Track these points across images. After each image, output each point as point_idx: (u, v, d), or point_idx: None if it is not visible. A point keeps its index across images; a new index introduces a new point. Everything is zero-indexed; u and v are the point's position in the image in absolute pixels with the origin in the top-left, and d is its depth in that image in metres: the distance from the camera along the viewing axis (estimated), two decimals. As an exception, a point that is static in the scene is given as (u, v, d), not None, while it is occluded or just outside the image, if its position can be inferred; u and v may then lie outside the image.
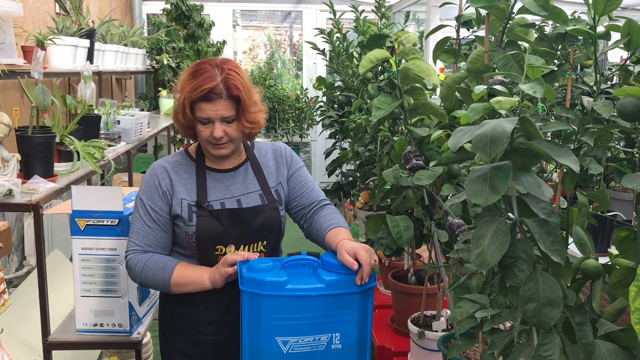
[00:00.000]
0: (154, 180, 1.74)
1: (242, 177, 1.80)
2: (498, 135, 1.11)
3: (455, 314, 1.63)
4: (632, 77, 1.51)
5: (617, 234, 1.36)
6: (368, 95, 3.73)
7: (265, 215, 1.75)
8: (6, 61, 2.64)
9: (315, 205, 1.87)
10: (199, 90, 1.63)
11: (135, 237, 1.73)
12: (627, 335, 1.29)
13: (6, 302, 1.66)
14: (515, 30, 1.67)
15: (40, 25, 3.76)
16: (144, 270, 1.69)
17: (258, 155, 1.86)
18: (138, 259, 1.70)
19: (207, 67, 1.67)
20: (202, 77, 1.64)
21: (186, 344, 1.77)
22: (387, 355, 2.82)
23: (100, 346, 2.19)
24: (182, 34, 5.76)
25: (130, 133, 3.36)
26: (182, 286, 1.68)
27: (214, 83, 1.63)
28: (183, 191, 1.73)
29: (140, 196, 1.75)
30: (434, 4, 4.74)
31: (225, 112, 1.66)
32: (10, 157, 2.17)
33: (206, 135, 1.68)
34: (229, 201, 1.74)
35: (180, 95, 1.69)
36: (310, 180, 1.90)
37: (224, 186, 1.77)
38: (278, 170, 1.85)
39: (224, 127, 1.67)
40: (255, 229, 1.74)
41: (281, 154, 1.88)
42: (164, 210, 1.72)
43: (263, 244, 1.76)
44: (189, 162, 1.79)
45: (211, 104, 1.64)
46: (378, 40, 2.46)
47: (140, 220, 1.73)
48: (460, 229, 1.99)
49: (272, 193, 1.80)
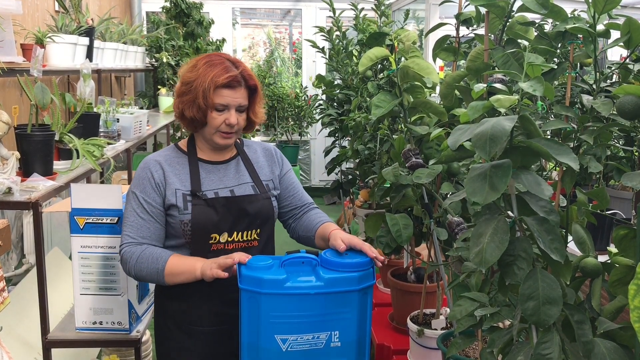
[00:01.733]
0: (147, 173, 1.77)
1: (234, 169, 1.85)
2: (497, 134, 1.11)
3: (455, 312, 1.63)
4: (632, 75, 1.51)
5: (617, 232, 1.36)
6: (367, 93, 3.72)
7: (259, 205, 1.80)
8: (5, 59, 2.64)
9: (306, 206, 1.96)
10: (225, 77, 1.70)
11: (129, 230, 1.74)
12: (627, 334, 1.29)
13: (5, 300, 1.66)
14: (515, 28, 1.67)
15: (39, 23, 3.76)
16: (139, 261, 1.70)
17: (248, 151, 1.91)
18: (132, 251, 1.72)
19: (220, 59, 1.76)
20: (221, 66, 1.72)
21: (184, 339, 1.78)
22: (386, 353, 2.82)
23: (100, 344, 2.19)
24: (182, 32, 5.75)
25: (130, 131, 3.36)
26: (175, 276, 1.69)
27: (236, 71, 1.73)
28: (177, 182, 1.77)
29: (133, 190, 1.77)
30: (433, 2, 4.73)
31: (243, 101, 1.75)
32: (10, 155, 2.16)
33: (219, 122, 1.74)
34: (222, 191, 1.78)
35: (195, 84, 1.72)
36: (298, 182, 2.00)
37: (217, 177, 1.81)
38: (270, 167, 1.91)
39: (237, 115, 1.75)
40: (250, 217, 1.78)
41: (272, 154, 1.95)
42: (157, 202, 1.75)
43: (257, 232, 1.80)
44: (181, 155, 1.83)
45: (232, 90, 1.72)
46: (378, 38, 2.46)
47: (133, 213, 1.75)
48: (459, 227, 2.00)
49: (263, 185, 1.85)
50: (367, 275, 1.62)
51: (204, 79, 1.71)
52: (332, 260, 1.61)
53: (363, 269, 1.61)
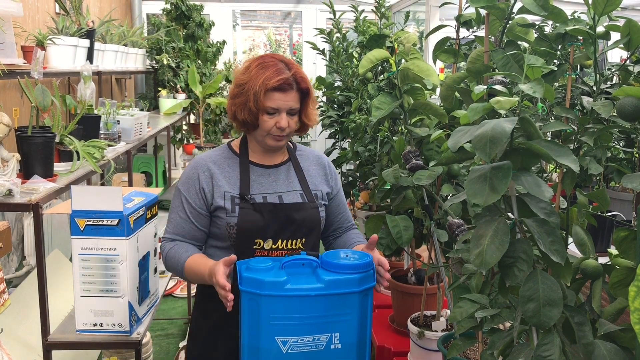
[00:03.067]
0: (195, 174, 1.81)
1: (284, 174, 1.85)
2: (498, 135, 1.11)
3: (455, 314, 1.63)
4: (632, 77, 1.51)
5: (617, 234, 1.36)
6: (368, 95, 3.73)
7: (307, 213, 1.79)
8: (6, 61, 2.64)
9: (349, 227, 1.98)
10: (276, 80, 1.69)
11: (168, 226, 1.83)
12: (627, 335, 1.29)
13: (6, 302, 1.66)
14: (515, 30, 1.67)
15: (40, 25, 3.76)
16: (167, 256, 1.79)
17: (300, 158, 1.91)
18: (164, 247, 1.81)
19: (273, 61, 1.75)
20: (274, 69, 1.72)
21: (216, 336, 1.82)
22: (386, 355, 2.82)
23: (100, 346, 2.19)
24: (182, 34, 5.76)
25: (130, 133, 3.36)
26: (190, 276, 1.75)
27: (288, 74, 1.72)
28: (226, 184, 1.78)
29: (179, 187, 1.83)
30: (433, 4, 4.74)
31: (294, 104, 1.74)
32: (10, 157, 2.17)
33: (270, 125, 1.74)
34: (271, 196, 1.79)
35: (247, 87, 1.73)
36: (345, 201, 2.02)
37: (267, 181, 1.82)
38: (320, 177, 1.90)
39: (288, 119, 1.75)
40: (296, 226, 1.77)
41: (325, 166, 1.94)
42: (198, 205, 1.78)
43: (302, 241, 1.79)
44: (232, 156, 1.85)
45: (284, 94, 1.72)
46: (378, 40, 2.47)
47: (174, 210, 1.82)
48: (460, 229, 2.00)
49: (312, 194, 1.84)
50: (367, 277, 1.62)
51: (255, 82, 1.71)
52: (332, 262, 1.61)
53: (363, 270, 1.61)
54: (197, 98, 5.54)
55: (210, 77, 5.71)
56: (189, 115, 5.88)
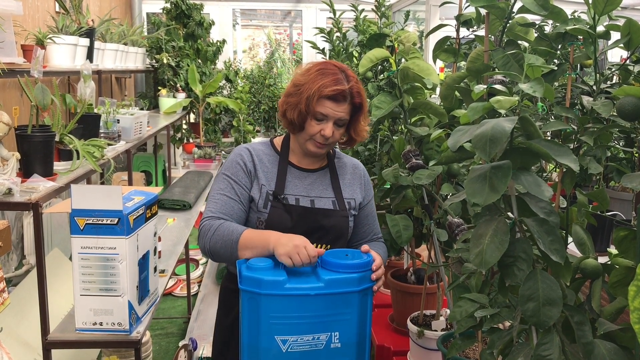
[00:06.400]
0: (241, 158, 1.82)
1: (320, 180, 1.86)
2: (498, 135, 1.11)
3: (455, 313, 1.63)
4: (632, 76, 1.51)
5: (617, 233, 1.36)
6: (368, 94, 3.72)
7: (336, 220, 1.80)
8: (6, 60, 2.64)
9: (375, 238, 1.97)
10: (331, 89, 1.70)
11: (211, 206, 1.77)
12: (627, 335, 1.29)
13: (5, 301, 1.66)
14: (515, 29, 1.67)
15: (40, 24, 3.76)
16: (216, 233, 1.70)
17: (337, 164, 1.92)
18: (211, 224, 1.73)
19: (334, 69, 1.76)
20: (333, 77, 1.73)
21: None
22: (386, 355, 2.82)
23: (100, 345, 2.19)
24: (182, 33, 5.75)
25: (130, 132, 3.36)
26: (248, 250, 1.65)
27: (345, 86, 1.73)
28: (263, 178, 1.80)
29: (224, 172, 1.82)
30: (433, 4, 4.74)
31: (344, 115, 1.75)
32: (10, 156, 2.17)
33: (315, 131, 1.75)
34: (303, 199, 1.80)
35: (303, 89, 1.74)
36: (375, 211, 2.00)
37: (302, 184, 1.83)
38: (354, 186, 1.90)
39: (334, 129, 1.75)
40: (323, 231, 1.78)
41: (361, 175, 1.94)
42: (246, 185, 1.79)
43: (327, 248, 1.79)
44: (273, 153, 1.87)
45: (336, 104, 1.73)
46: (378, 39, 2.47)
47: (219, 192, 1.78)
48: (459, 229, 2.00)
49: (344, 202, 1.85)
50: (367, 276, 1.62)
51: (312, 86, 1.72)
52: (332, 261, 1.61)
53: (363, 270, 1.61)
54: (197, 97, 5.54)
55: (210, 77, 5.71)
56: (189, 115, 5.88)
